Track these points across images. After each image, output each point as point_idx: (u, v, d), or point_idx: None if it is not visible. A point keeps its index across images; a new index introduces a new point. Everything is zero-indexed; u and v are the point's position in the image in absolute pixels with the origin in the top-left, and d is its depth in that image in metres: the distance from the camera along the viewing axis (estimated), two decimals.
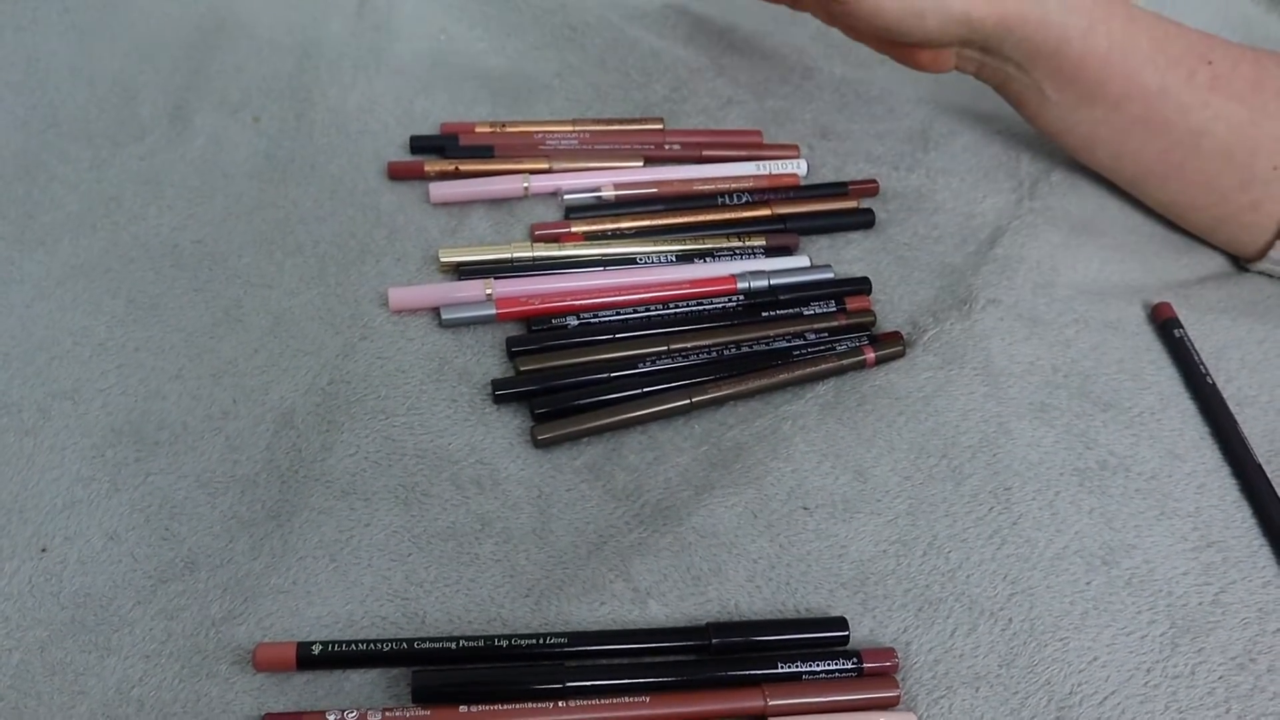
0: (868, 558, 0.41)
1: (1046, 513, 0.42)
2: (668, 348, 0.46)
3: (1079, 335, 0.49)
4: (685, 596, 0.39)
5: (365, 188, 0.53)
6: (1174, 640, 0.39)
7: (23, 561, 0.39)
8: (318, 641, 0.36)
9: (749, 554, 0.40)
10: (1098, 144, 0.53)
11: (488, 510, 0.41)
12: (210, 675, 0.36)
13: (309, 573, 0.39)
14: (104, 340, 0.46)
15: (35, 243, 0.50)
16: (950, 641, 0.39)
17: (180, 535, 0.40)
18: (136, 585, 0.39)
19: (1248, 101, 0.49)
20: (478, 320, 0.47)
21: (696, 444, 0.44)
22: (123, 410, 0.43)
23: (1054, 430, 0.45)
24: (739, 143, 0.57)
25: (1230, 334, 0.50)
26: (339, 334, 0.47)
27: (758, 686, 0.37)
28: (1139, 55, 0.49)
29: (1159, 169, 0.52)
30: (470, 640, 0.37)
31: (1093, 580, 0.41)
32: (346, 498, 0.41)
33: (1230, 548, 0.42)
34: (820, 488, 0.43)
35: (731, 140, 0.57)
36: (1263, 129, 0.49)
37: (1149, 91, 0.50)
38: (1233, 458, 0.45)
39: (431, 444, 0.43)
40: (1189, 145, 0.50)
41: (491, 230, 0.52)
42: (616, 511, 0.42)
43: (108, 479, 0.41)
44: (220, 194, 0.53)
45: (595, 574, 0.39)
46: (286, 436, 0.43)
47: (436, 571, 0.39)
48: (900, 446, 0.44)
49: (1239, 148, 0.50)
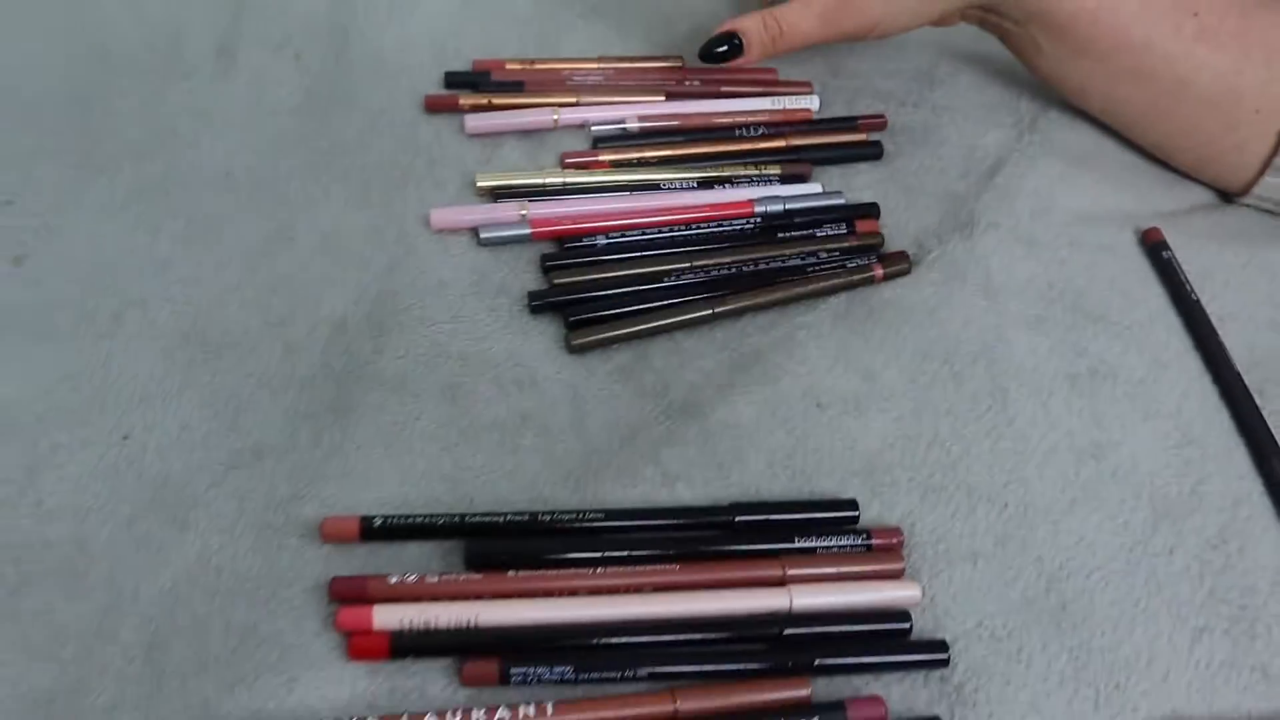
0: (876, 450, 0.45)
1: (1040, 412, 0.46)
2: (690, 264, 0.50)
3: (1073, 256, 0.52)
4: (710, 481, 0.43)
5: (403, 120, 0.57)
6: (1155, 524, 0.43)
7: (108, 447, 0.42)
8: (379, 515, 0.40)
9: (767, 445, 0.44)
10: (1090, 91, 0.56)
11: (527, 407, 0.45)
12: (280, 547, 0.40)
13: (366, 459, 0.43)
14: (167, 256, 0.49)
15: (97, 170, 0.53)
16: (950, 523, 0.43)
17: (246, 427, 0.44)
18: (209, 470, 0.42)
19: (1231, 51, 0.52)
20: (513, 239, 0.51)
21: (718, 349, 0.48)
22: (188, 318, 0.47)
23: (1048, 339, 0.49)
24: (755, 79, 0.60)
25: (1216, 257, 0.53)
26: (384, 251, 0.50)
27: (776, 558, 0.40)
28: (1126, 11, 0.52)
29: (1148, 114, 0.55)
30: (516, 515, 0.41)
31: (1081, 472, 0.45)
32: (397, 394, 0.45)
33: (1209, 445, 0.46)
34: (832, 388, 0.46)
35: (748, 77, 0.60)
36: (1245, 76, 0.52)
37: (1135, 45, 0.53)
38: (1214, 367, 0.49)
39: (474, 348, 0.47)
40: (1175, 93, 0.53)
41: (523, 159, 0.56)
42: (646, 408, 0.45)
43: (179, 377, 0.45)
44: (267, 126, 0.56)
45: (628, 461, 0.43)
46: (339, 341, 0.47)
47: (482, 459, 0.43)
48: (906, 352, 0.48)
49: (1223, 94, 0.53)
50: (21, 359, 0.45)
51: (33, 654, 0.37)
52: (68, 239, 0.50)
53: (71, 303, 0.47)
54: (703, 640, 0.38)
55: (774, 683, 0.38)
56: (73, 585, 0.39)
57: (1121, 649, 0.40)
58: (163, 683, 0.37)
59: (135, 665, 0.37)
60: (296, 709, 0.37)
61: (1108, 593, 0.41)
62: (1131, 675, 0.39)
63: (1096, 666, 0.39)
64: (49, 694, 0.36)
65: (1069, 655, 0.40)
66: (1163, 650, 0.40)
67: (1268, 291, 0.52)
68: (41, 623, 0.38)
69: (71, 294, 0.48)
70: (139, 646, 0.38)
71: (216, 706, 0.36)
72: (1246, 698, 0.39)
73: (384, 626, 0.38)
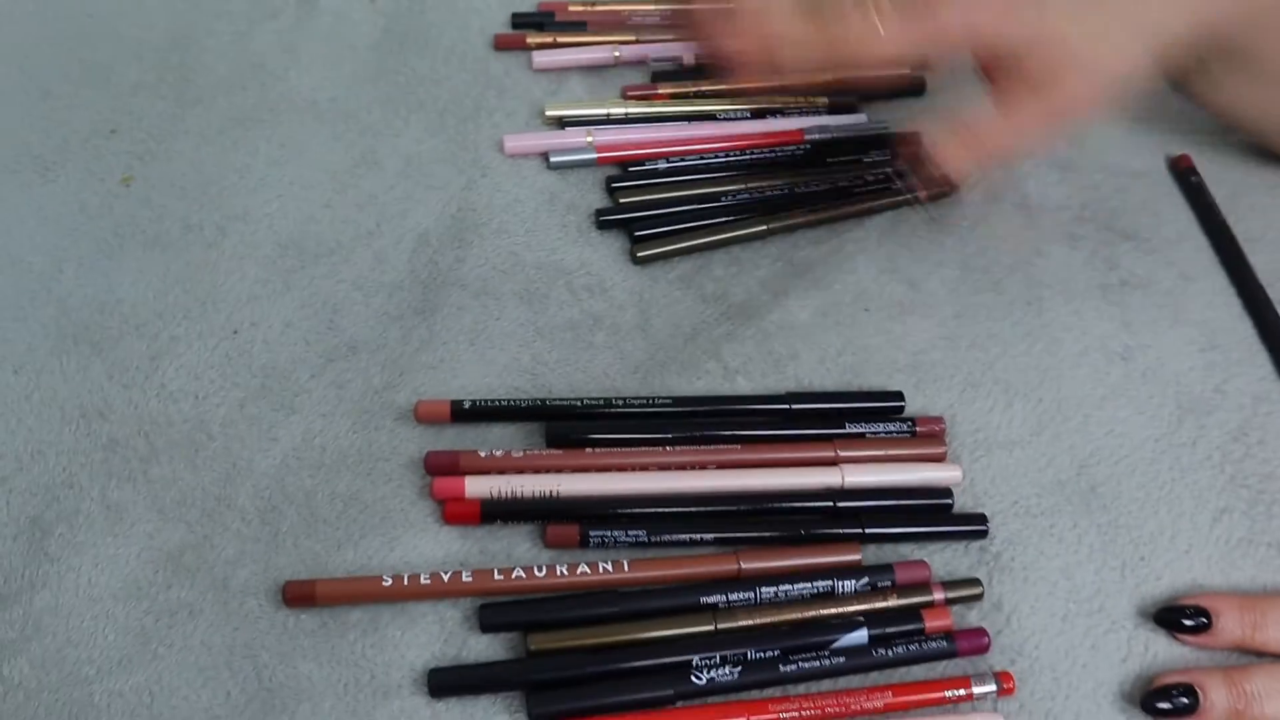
0: (919, 349, 0.48)
1: (1074, 318, 0.50)
2: (744, 186, 0.54)
3: (1106, 180, 0.56)
4: (767, 374, 0.47)
5: (474, 57, 0.61)
6: (1180, 418, 0.47)
7: (220, 340, 0.47)
8: (468, 398, 0.44)
9: (819, 343, 0.48)
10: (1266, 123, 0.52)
11: (598, 310, 0.49)
12: (377, 428, 0.45)
13: (452, 354, 0.47)
14: (263, 176, 0.54)
15: (193, 100, 0.58)
16: (989, 416, 0.46)
17: (342, 326, 0.48)
18: (310, 362, 0.47)
19: None
20: (580, 164, 0.55)
21: (773, 261, 0.51)
22: (285, 230, 0.51)
23: (1081, 254, 0.52)
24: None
25: (1243, 182, 0.56)
26: (462, 173, 0.54)
27: (829, 441, 0.44)
28: None
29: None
30: (592, 400, 0.44)
31: (1111, 371, 0.48)
32: (479, 298, 0.49)
33: (1232, 350, 0.49)
34: (879, 294, 0.50)
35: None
36: None
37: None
38: (1238, 280, 0.52)
39: (547, 258, 0.51)
40: None
41: (587, 92, 0.59)
42: (707, 311, 0.49)
43: (280, 281, 0.49)
44: (348, 62, 0.60)
45: (691, 357, 0.47)
46: (424, 252, 0.51)
47: (558, 354, 0.47)
48: (948, 264, 0.51)
49: None
50: (138, 265, 0.49)
51: (164, 514, 0.42)
52: (171, 162, 0.54)
53: (179, 216, 0.52)
54: (763, 510, 0.42)
55: (828, 547, 0.41)
56: (194, 457, 0.43)
57: (1146, 526, 0.43)
58: (278, 541, 0.41)
59: (253, 526, 0.42)
60: (398, 565, 0.41)
61: (1134, 478, 0.45)
62: (1156, 549, 0.43)
63: (1123, 541, 0.43)
64: (180, 548, 0.41)
65: (1098, 531, 0.43)
66: (1185, 528, 0.43)
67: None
68: (170, 488, 0.42)
69: (178, 209, 0.52)
70: (255, 511, 0.42)
71: (326, 560, 0.41)
72: (1263, 571, 0.42)
73: (475, 495, 0.42)
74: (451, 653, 0.39)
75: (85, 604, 0.39)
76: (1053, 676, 0.39)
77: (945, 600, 0.40)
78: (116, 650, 0.38)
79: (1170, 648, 0.40)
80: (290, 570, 0.40)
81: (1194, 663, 0.40)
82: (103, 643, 0.38)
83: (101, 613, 0.39)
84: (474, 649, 0.39)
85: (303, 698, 0.37)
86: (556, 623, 0.39)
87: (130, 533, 0.41)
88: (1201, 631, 0.40)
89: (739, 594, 0.40)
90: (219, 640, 0.39)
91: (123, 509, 0.42)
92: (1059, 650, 0.40)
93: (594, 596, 0.40)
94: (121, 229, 0.51)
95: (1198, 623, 0.40)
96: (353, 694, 0.38)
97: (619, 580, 0.40)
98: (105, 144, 0.55)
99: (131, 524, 0.41)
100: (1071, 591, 0.41)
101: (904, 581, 0.41)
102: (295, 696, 0.38)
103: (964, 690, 0.38)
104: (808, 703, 0.37)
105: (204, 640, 0.39)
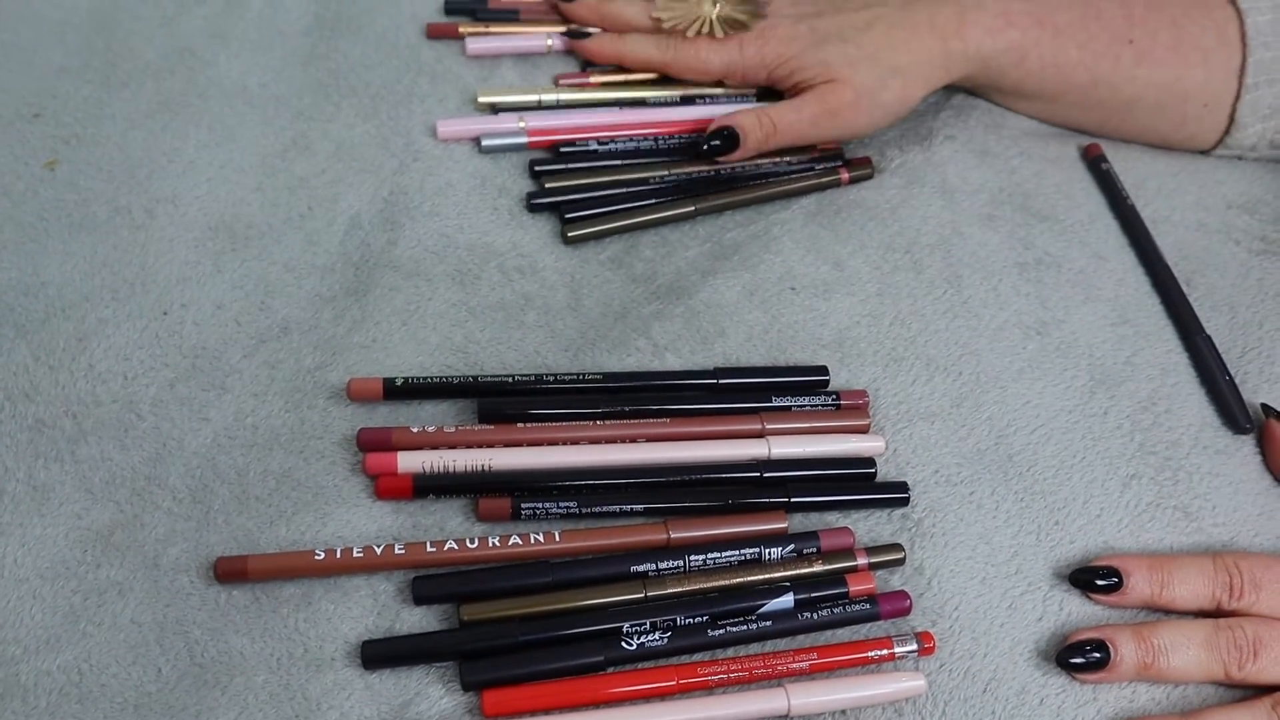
0: (844, 326, 0.50)
1: (991, 295, 0.51)
2: (668, 171, 0.54)
3: (1022, 165, 0.58)
4: (696, 351, 0.48)
5: (407, 43, 0.61)
6: (1092, 390, 0.48)
7: (150, 320, 0.47)
8: (400, 376, 0.45)
9: (746, 321, 0.49)
10: (1052, 119, 0.60)
11: (529, 290, 0.50)
12: (310, 407, 0.45)
13: (384, 333, 0.47)
14: (193, 159, 0.53)
15: (120, 84, 0.57)
16: (911, 389, 0.48)
17: (274, 307, 0.48)
18: (242, 343, 0.47)
19: (1169, 64, 0.56)
20: (512, 148, 0.55)
21: (701, 242, 0.52)
22: (215, 213, 0.51)
23: (999, 234, 0.54)
24: None
25: (1149, 168, 0.59)
26: (394, 157, 0.55)
27: (756, 414, 0.45)
28: (1067, 62, 0.56)
29: (1103, 127, 0.59)
30: (523, 376, 0.45)
31: (1028, 345, 0.50)
32: (411, 279, 0.49)
33: (1141, 324, 0.51)
34: (804, 274, 0.51)
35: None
36: (1186, 81, 0.56)
37: (1082, 86, 0.57)
38: (1146, 260, 0.54)
39: (479, 240, 0.51)
40: (1125, 111, 0.58)
41: (519, 79, 0.60)
42: (636, 290, 0.50)
43: (210, 263, 0.49)
44: (278, 47, 0.60)
45: (621, 335, 0.48)
46: (356, 234, 0.51)
47: (490, 334, 0.48)
48: (870, 245, 0.53)
49: (1169, 102, 0.57)
50: (65, 248, 0.49)
51: (93, 494, 0.41)
52: (97, 146, 0.54)
53: (106, 200, 0.51)
54: (692, 481, 0.43)
55: (755, 516, 0.43)
56: (123, 437, 0.43)
57: (1060, 492, 0.45)
58: (210, 519, 0.41)
59: (184, 504, 0.42)
60: (331, 540, 0.41)
61: (1049, 446, 0.46)
62: (1069, 514, 0.44)
63: (1039, 507, 0.45)
64: (109, 527, 0.41)
65: (1015, 497, 0.45)
66: (1097, 494, 0.45)
67: (1196, 197, 0.57)
68: (99, 468, 0.42)
69: (105, 192, 0.52)
70: (186, 489, 0.42)
71: (258, 537, 0.41)
72: (1170, 533, 0.44)
73: (407, 470, 0.42)
74: (385, 625, 0.39)
75: (10, 585, 0.39)
76: (972, 636, 0.41)
77: (868, 565, 0.42)
78: (44, 629, 0.38)
79: (1083, 607, 0.42)
80: (222, 548, 0.40)
81: (1106, 620, 0.42)
82: (29, 622, 0.38)
83: (28, 593, 0.39)
84: (407, 621, 0.39)
85: (235, 672, 0.38)
86: (489, 593, 0.40)
87: (58, 513, 0.41)
88: (1113, 591, 0.42)
89: (668, 562, 0.41)
90: (150, 618, 0.39)
91: (49, 489, 0.41)
92: (978, 611, 0.41)
93: (526, 567, 0.40)
94: (46, 213, 0.50)
95: (1109, 583, 0.42)
96: (286, 668, 0.38)
97: (551, 551, 0.41)
98: (29, 128, 0.54)
99: (59, 504, 0.41)
100: (990, 555, 0.43)
101: (829, 548, 0.42)
102: (228, 671, 0.38)
103: (887, 650, 0.39)
104: (736, 665, 0.38)
105: (134, 618, 0.39)
